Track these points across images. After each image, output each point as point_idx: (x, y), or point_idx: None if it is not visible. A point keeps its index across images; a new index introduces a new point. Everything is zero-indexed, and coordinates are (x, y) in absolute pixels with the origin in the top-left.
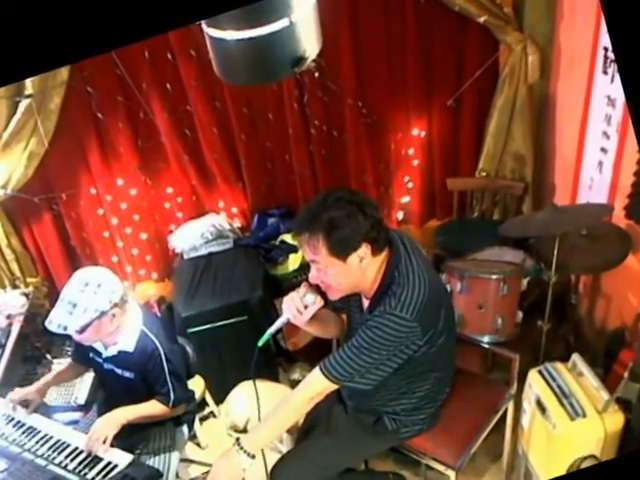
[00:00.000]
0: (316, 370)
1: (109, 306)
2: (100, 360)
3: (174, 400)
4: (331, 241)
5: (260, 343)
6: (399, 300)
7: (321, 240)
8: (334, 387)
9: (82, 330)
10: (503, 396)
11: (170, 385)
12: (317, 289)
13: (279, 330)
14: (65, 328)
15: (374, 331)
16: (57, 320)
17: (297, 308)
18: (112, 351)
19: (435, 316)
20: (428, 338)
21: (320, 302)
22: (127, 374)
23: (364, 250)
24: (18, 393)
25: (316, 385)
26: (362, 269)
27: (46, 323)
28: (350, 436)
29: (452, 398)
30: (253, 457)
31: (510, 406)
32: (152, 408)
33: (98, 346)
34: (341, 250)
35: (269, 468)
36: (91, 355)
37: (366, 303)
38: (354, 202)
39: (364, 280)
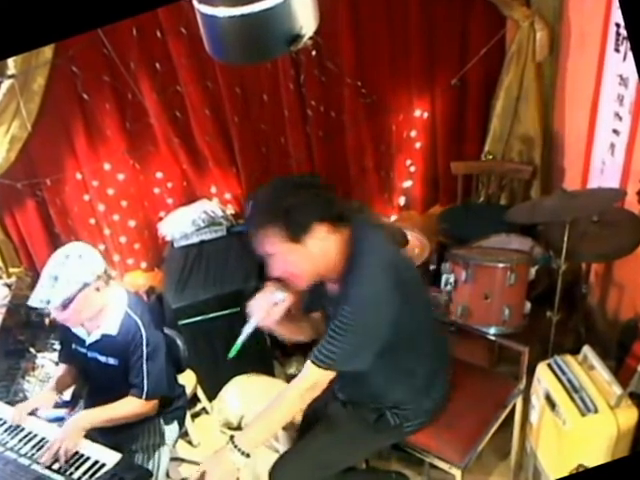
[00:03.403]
0: (308, 362)
1: (92, 277)
2: (84, 350)
3: (147, 391)
4: (286, 227)
5: (231, 354)
6: (368, 266)
7: (277, 229)
8: (330, 376)
9: (65, 305)
10: (511, 391)
11: (145, 373)
12: (283, 286)
13: (251, 336)
14: (48, 302)
15: (352, 306)
16: (39, 295)
17: (265, 308)
18: (95, 336)
19: (403, 280)
20: (405, 304)
21: (289, 298)
22: (111, 361)
23: (321, 230)
24: (29, 405)
25: (310, 377)
26: (323, 250)
27: (29, 302)
28: (351, 433)
29: (457, 393)
30: (248, 456)
31: (518, 401)
32: (124, 407)
33: (81, 333)
34: (298, 234)
35: (267, 468)
36: (74, 346)
37: (334, 289)
38: (302, 185)
39: (328, 261)
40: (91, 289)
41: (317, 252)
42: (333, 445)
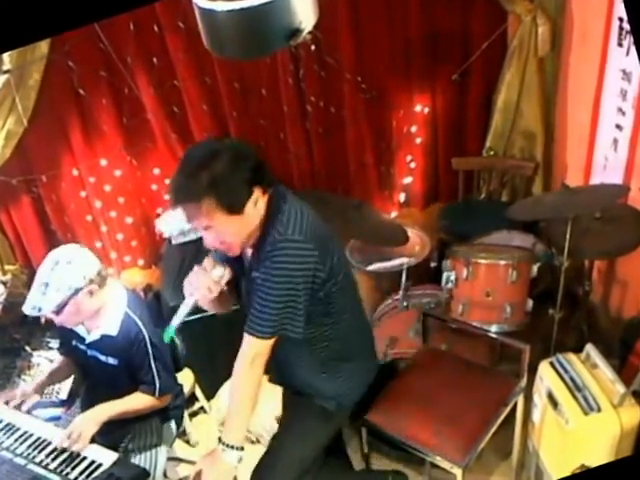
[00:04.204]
0: (245, 336)
1: (83, 282)
2: (83, 347)
3: (160, 389)
4: (224, 200)
5: (167, 338)
6: (287, 225)
7: (213, 203)
8: (268, 344)
9: (58, 311)
10: (513, 389)
11: (155, 372)
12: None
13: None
14: (39, 309)
15: (275, 265)
16: (31, 302)
17: (207, 286)
18: (95, 335)
19: (328, 242)
20: (329, 269)
21: (229, 274)
22: (111, 360)
23: (257, 194)
24: (14, 396)
25: (249, 348)
26: (257, 212)
27: (23, 307)
28: (310, 425)
29: (458, 391)
30: (241, 449)
31: (520, 400)
32: (137, 401)
33: (81, 331)
34: (237, 204)
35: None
36: (74, 343)
37: (248, 252)
38: (228, 149)
39: (257, 226)
40: (84, 293)
41: (252, 219)
42: (294, 442)
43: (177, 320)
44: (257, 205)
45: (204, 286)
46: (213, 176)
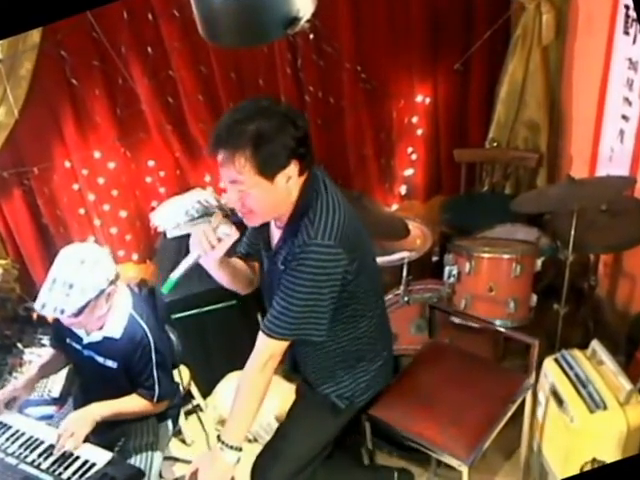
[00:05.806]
0: (260, 334)
1: (106, 284)
2: (79, 347)
3: (159, 395)
4: (259, 157)
5: (165, 290)
6: (318, 227)
7: (248, 156)
8: (284, 346)
9: (79, 312)
10: (520, 385)
11: (156, 378)
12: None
13: (189, 271)
14: (62, 311)
15: (301, 269)
16: (52, 303)
17: (210, 242)
18: (95, 337)
19: (357, 241)
20: (356, 267)
21: (235, 234)
22: (109, 363)
23: (292, 168)
24: (4, 392)
25: (264, 349)
26: (288, 190)
27: (37, 308)
28: (313, 421)
29: (464, 387)
30: (240, 450)
31: (528, 397)
32: (132, 404)
33: (79, 331)
34: (269, 168)
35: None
36: (68, 341)
37: (276, 234)
38: (282, 111)
39: (286, 203)
40: (104, 296)
41: (282, 192)
42: (301, 435)
43: (177, 273)
44: (289, 182)
45: (206, 242)
46: (257, 129)
